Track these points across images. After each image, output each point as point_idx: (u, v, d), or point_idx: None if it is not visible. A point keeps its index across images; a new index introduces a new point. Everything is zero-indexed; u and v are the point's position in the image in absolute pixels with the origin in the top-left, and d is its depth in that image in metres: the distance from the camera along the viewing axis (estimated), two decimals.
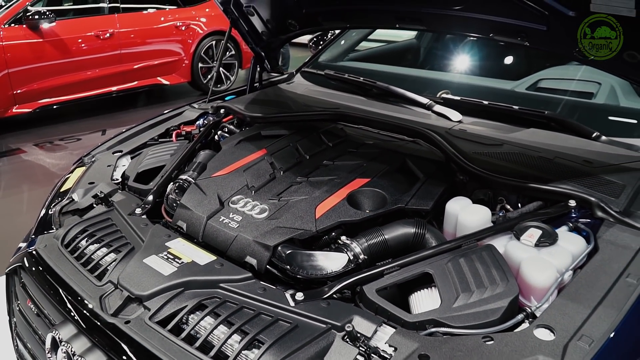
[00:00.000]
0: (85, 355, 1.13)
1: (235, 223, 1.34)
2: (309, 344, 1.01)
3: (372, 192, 1.42)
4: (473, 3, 1.54)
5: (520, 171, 1.43)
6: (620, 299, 1.01)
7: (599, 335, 0.94)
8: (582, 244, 1.19)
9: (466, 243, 1.22)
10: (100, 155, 1.91)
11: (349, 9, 1.96)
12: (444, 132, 1.67)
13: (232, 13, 2.19)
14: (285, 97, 2.22)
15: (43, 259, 1.37)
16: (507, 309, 1.04)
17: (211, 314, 1.10)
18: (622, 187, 1.33)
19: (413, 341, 0.98)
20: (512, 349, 0.94)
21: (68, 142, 4.89)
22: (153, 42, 5.97)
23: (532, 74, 2.07)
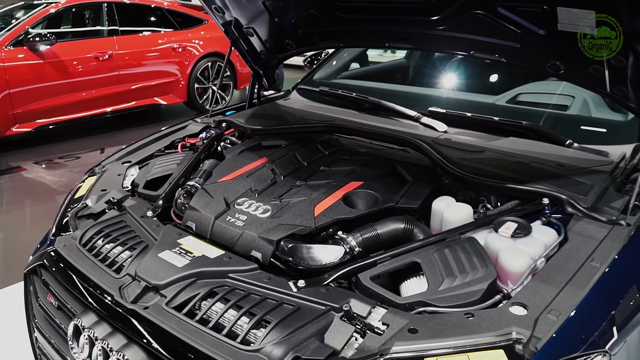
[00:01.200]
0: (107, 339, 1.24)
1: (240, 222, 1.47)
2: (311, 323, 1.14)
3: (365, 193, 1.56)
4: (455, 24, 1.70)
5: (499, 174, 1.57)
6: (585, 279, 1.15)
7: (566, 308, 1.08)
8: (554, 235, 1.33)
9: (450, 236, 1.36)
10: (110, 166, 2.04)
11: (342, 29, 2.12)
12: (430, 141, 1.81)
13: (232, 34, 2.34)
14: (283, 111, 2.37)
15: (63, 257, 1.49)
16: (486, 291, 1.17)
17: (222, 299, 1.22)
18: (590, 187, 1.48)
19: (403, 318, 1.11)
20: (490, 323, 1.07)
21: (67, 160, 5.00)
22: (151, 64, 6.14)
23: (512, 89, 2.24)
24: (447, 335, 1.05)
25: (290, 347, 1.07)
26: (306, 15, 2.11)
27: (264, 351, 1.08)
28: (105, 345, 1.23)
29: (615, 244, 1.26)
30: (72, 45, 5.59)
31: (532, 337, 1.02)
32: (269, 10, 2.16)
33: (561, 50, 1.58)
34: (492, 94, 2.28)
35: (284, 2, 2.09)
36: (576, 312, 1.07)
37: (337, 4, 1.92)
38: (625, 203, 1.42)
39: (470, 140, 1.84)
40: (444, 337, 1.05)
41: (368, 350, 1.06)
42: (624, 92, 1.55)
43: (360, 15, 1.95)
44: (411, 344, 1.04)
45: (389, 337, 1.07)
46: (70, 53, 5.48)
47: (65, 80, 5.43)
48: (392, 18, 1.88)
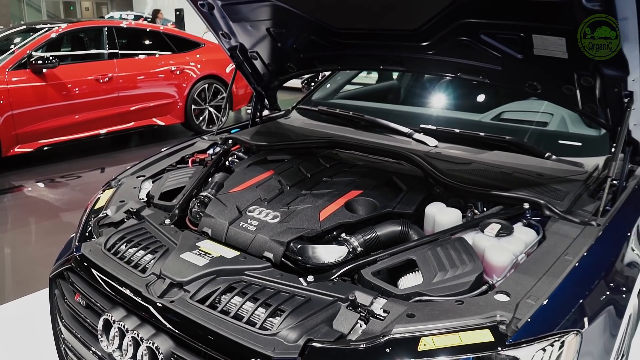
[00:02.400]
0: (137, 330, 1.38)
1: (253, 227, 1.62)
2: (320, 312, 1.29)
3: (365, 200, 1.73)
4: (443, 49, 1.90)
5: (485, 183, 1.74)
6: (560, 270, 1.32)
7: (542, 294, 1.24)
8: (533, 234, 1.50)
9: (442, 236, 1.52)
10: (125, 179, 2.19)
11: (340, 54, 2.31)
12: (422, 154, 1.99)
13: (237, 57, 2.52)
14: (284, 129, 2.54)
15: (91, 260, 1.64)
16: (474, 282, 1.33)
17: (240, 293, 1.37)
18: (566, 193, 1.65)
19: (402, 306, 1.27)
20: (477, 308, 1.23)
21: (69, 180, 5.13)
22: (149, 86, 6.32)
23: (496, 107, 2.43)
24: (440, 319, 1.21)
25: (303, 331, 1.23)
26: (307, 41, 2.30)
27: (280, 335, 1.23)
28: (135, 335, 1.37)
29: (587, 241, 1.43)
30: (74, 68, 5.76)
31: (514, 318, 1.19)
32: (272, 36, 2.34)
33: (538, 72, 1.77)
34: (478, 112, 2.47)
35: (286, 28, 2.28)
36: (551, 298, 1.24)
37: (335, 30, 2.11)
38: (596, 207, 1.59)
39: (459, 154, 2.02)
40: (437, 320, 1.20)
41: (371, 333, 1.22)
42: (594, 109, 1.74)
43: (357, 41, 2.14)
44: (409, 326, 1.20)
45: (389, 322, 1.23)
46: (71, 75, 5.64)
47: (67, 101, 5.58)
48: (386, 44, 2.07)
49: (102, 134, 5.92)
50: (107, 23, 6.59)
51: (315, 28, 2.16)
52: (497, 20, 1.66)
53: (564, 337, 1.19)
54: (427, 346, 1.16)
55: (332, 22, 2.07)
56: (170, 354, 1.33)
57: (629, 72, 1.51)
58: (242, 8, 2.21)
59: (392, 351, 1.16)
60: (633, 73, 1.51)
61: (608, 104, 1.67)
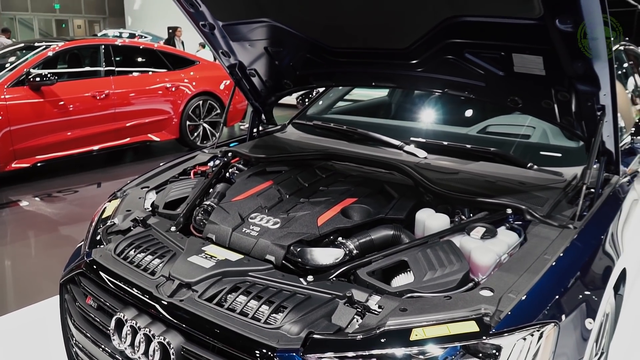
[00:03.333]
0: (148, 327, 1.48)
1: (255, 232, 1.73)
2: (320, 308, 1.40)
3: (359, 207, 1.84)
4: (431, 66, 2.03)
5: (471, 190, 1.87)
6: (539, 268, 1.44)
7: (523, 289, 1.36)
8: (515, 237, 1.62)
9: (431, 239, 1.64)
10: (130, 190, 2.29)
11: (334, 71, 2.45)
12: (413, 165, 2.11)
13: (236, 74, 2.65)
14: (281, 142, 2.66)
15: (102, 265, 1.74)
16: (461, 280, 1.45)
17: (244, 292, 1.48)
18: (546, 200, 1.78)
19: (395, 301, 1.38)
20: (464, 302, 1.35)
21: (66, 194, 5.21)
22: (145, 102, 6.44)
23: (482, 121, 2.57)
24: (430, 312, 1.32)
25: (304, 325, 1.33)
26: (303, 59, 2.43)
27: (283, 328, 1.33)
28: (147, 331, 1.47)
29: (564, 242, 1.56)
30: (71, 85, 5.86)
31: (497, 311, 1.30)
32: (270, 55, 2.47)
33: (518, 88, 1.92)
34: (465, 125, 2.61)
35: (283, 47, 2.41)
36: (530, 293, 1.36)
37: (330, 49, 2.24)
38: (574, 212, 1.72)
39: (447, 165, 2.15)
40: (428, 313, 1.32)
41: (367, 326, 1.33)
42: (571, 122, 1.88)
43: (350, 59, 2.28)
44: (402, 319, 1.31)
45: (384, 316, 1.34)
46: (69, 92, 5.74)
47: (64, 118, 5.67)
48: (378, 62, 2.21)
49: (98, 149, 6.01)
50: (104, 41, 6.72)
51: (311, 47, 2.29)
52: (480, 41, 1.80)
53: (543, 328, 1.31)
54: (418, 336, 1.27)
55: (327, 41, 2.21)
56: (181, 349, 1.43)
57: (600, 88, 1.65)
58: (241, 28, 2.34)
59: (387, 341, 1.27)
60: (604, 88, 1.65)
61: (583, 117, 1.81)
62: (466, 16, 1.71)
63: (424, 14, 1.79)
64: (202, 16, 2.29)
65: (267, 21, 2.21)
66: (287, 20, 2.17)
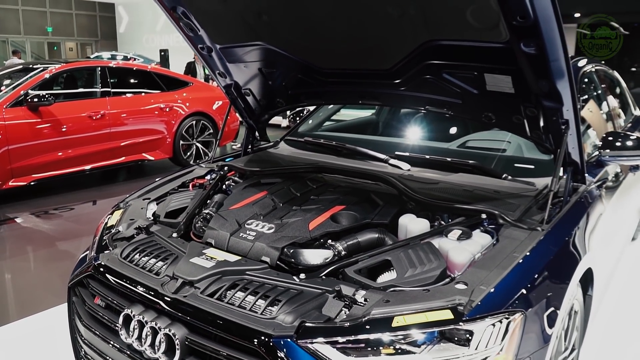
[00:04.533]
0: (155, 321, 1.62)
1: (251, 236, 1.88)
2: (311, 300, 1.54)
3: (347, 213, 2.00)
4: (412, 85, 2.22)
5: (450, 198, 2.04)
6: (507, 264, 1.60)
7: (492, 282, 1.52)
8: (489, 238, 1.79)
9: (413, 241, 1.80)
10: (133, 201, 2.43)
11: (324, 90, 2.63)
12: (397, 176, 2.28)
13: (232, 94, 2.82)
14: (275, 157, 2.83)
15: (109, 267, 1.88)
16: (438, 276, 1.60)
17: (242, 288, 1.62)
18: (518, 206, 1.95)
19: (379, 294, 1.53)
20: (441, 294, 1.50)
21: (62, 212, 5.31)
22: (140, 122, 6.60)
23: (462, 137, 2.76)
24: (410, 302, 1.47)
25: (297, 315, 1.48)
26: (294, 79, 2.61)
27: (278, 319, 1.48)
28: (154, 324, 1.61)
29: (531, 242, 1.72)
30: (68, 105, 6.00)
31: (469, 300, 1.46)
32: (264, 75, 2.65)
33: (491, 105, 2.10)
34: (446, 141, 2.80)
35: (276, 68, 2.59)
36: (499, 285, 1.52)
37: (320, 70, 2.43)
38: (542, 217, 1.89)
39: (429, 176, 2.32)
40: (408, 304, 1.47)
41: (354, 316, 1.48)
42: (540, 135, 2.07)
43: (339, 79, 2.46)
44: (385, 308, 1.46)
45: (369, 306, 1.49)
46: (66, 112, 5.88)
47: (61, 137, 5.80)
48: (364, 81, 2.39)
49: (94, 168, 6.14)
50: (100, 63, 6.90)
51: (302, 68, 2.47)
52: (455, 62, 1.99)
53: (511, 316, 1.47)
54: (399, 323, 1.42)
55: (317, 63, 2.39)
56: (185, 339, 1.57)
57: (563, 104, 1.84)
58: (237, 51, 2.52)
59: (371, 328, 1.42)
60: (566, 104, 1.84)
61: (549, 130, 1.99)
62: (442, 40, 1.90)
63: (404, 38, 1.98)
64: (201, 40, 2.47)
65: (262, 44, 2.39)
66: (280, 43, 2.35)
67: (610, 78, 3.86)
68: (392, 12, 1.85)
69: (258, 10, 2.17)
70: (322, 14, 2.07)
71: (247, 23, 2.29)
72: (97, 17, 29.47)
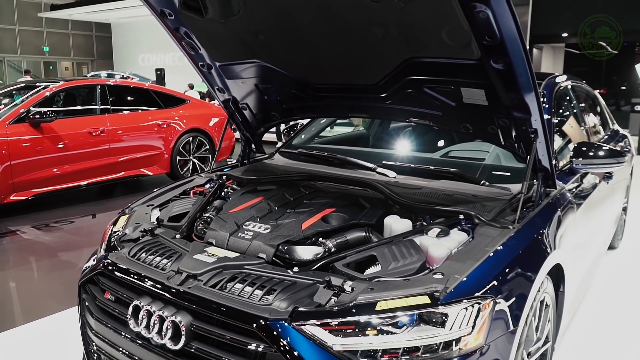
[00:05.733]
0: (162, 310, 1.78)
1: (249, 236, 2.06)
2: (303, 289, 1.72)
3: (337, 215, 2.18)
4: (397, 99, 2.41)
5: (431, 201, 2.22)
6: (480, 257, 1.78)
7: (465, 271, 1.70)
8: (465, 236, 1.97)
9: (396, 239, 1.98)
10: (137, 207, 2.60)
11: (316, 104, 2.82)
12: (384, 183, 2.47)
13: (230, 108, 3.01)
14: (270, 167, 3.01)
15: (118, 264, 2.04)
16: (418, 268, 1.78)
17: (241, 280, 1.79)
18: (492, 208, 2.14)
19: (365, 284, 1.71)
20: (420, 283, 1.68)
21: (62, 225, 5.46)
22: (138, 138, 6.79)
23: (445, 147, 2.95)
24: (393, 290, 1.65)
25: (291, 302, 1.65)
26: (288, 94, 2.81)
27: (274, 305, 1.65)
28: (161, 313, 1.77)
29: (502, 238, 1.91)
30: (68, 122, 6.19)
31: (445, 288, 1.63)
32: (260, 90, 2.85)
33: (468, 116, 2.30)
34: (430, 152, 2.99)
35: (272, 84, 2.79)
36: (471, 275, 1.69)
37: (312, 85, 2.62)
38: (514, 217, 2.08)
39: (413, 183, 2.50)
40: (391, 290, 1.64)
41: (342, 302, 1.65)
42: (512, 144, 2.27)
43: (330, 94, 2.66)
44: (370, 294, 1.63)
45: (356, 294, 1.66)
46: (66, 129, 6.07)
47: (62, 153, 5.98)
48: (353, 95, 2.59)
49: (94, 182, 6.31)
50: (100, 81, 7.11)
51: (296, 83, 2.67)
52: (434, 77, 2.19)
53: (482, 302, 1.64)
54: (382, 307, 1.59)
55: (309, 79, 2.59)
56: (190, 325, 1.73)
57: (531, 114, 2.04)
58: (235, 68, 2.72)
59: (357, 311, 1.59)
60: (534, 115, 2.04)
61: (520, 139, 2.19)
62: (421, 57, 2.10)
63: (388, 55, 2.18)
64: (201, 58, 2.67)
65: (258, 62, 2.59)
66: (275, 61, 2.55)
67: (587, 94, 4.09)
68: (376, 32, 2.06)
69: (255, 31, 2.38)
70: (314, 34, 2.27)
71: (244, 42, 2.49)
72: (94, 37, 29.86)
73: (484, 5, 1.66)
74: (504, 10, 1.67)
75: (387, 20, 1.98)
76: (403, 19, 1.94)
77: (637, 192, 6.78)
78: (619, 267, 4.19)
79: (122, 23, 26.71)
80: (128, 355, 1.91)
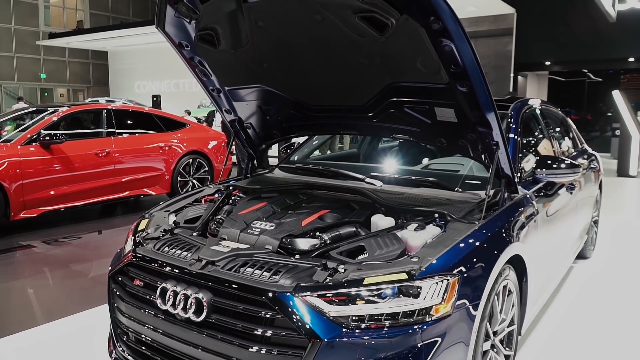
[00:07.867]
0: (186, 290, 2.14)
1: (257, 232, 2.43)
2: (304, 271, 2.09)
3: (332, 215, 2.57)
4: (381, 118, 2.83)
5: (411, 204, 2.61)
6: (449, 244, 2.17)
7: (435, 256, 2.08)
8: (438, 230, 2.35)
9: (381, 233, 2.36)
10: (156, 213, 2.97)
11: (312, 123, 3.23)
12: (371, 190, 2.86)
13: (235, 127, 3.40)
14: (271, 179, 3.40)
15: (146, 256, 2.40)
16: (399, 254, 2.16)
17: (252, 265, 2.16)
18: (462, 208, 2.53)
19: (355, 266, 2.08)
20: (399, 264, 2.05)
21: (71, 240, 5.78)
22: (141, 160, 7.16)
23: (425, 161, 3.36)
24: (378, 269, 2.02)
25: (294, 280, 2.02)
26: (288, 114, 3.22)
27: (280, 282, 2.01)
28: (186, 292, 2.13)
29: (469, 231, 2.29)
30: (77, 144, 6.56)
31: (419, 267, 2.01)
32: (262, 111, 3.25)
33: (442, 132, 2.71)
34: (413, 165, 3.40)
35: (273, 106, 3.19)
36: (441, 257, 2.08)
37: (309, 106, 3.03)
38: (481, 216, 2.47)
39: (397, 190, 2.90)
40: (376, 269, 2.02)
41: (336, 280, 2.02)
42: (479, 155, 2.67)
43: (324, 114, 3.07)
44: (358, 272, 2.01)
45: (348, 273, 2.03)
46: (74, 150, 6.43)
47: (69, 173, 6.34)
48: (344, 115, 3.00)
49: (99, 201, 6.65)
50: (105, 106, 7.51)
51: (294, 105, 3.08)
52: (412, 99, 2.60)
53: (450, 278, 2.02)
54: (369, 281, 1.97)
55: (306, 100, 3.00)
56: (211, 300, 2.09)
57: (492, 129, 2.44)
58: (241, 91, 3.13)
59: (348, 285, 1.96)
60: (495, 129, 2.44)
61: (485, 150, 2.59)
62: (401, 82, 2.52)
63: (373, 81, 2.60)
64: (212, 83, 3.07)
65: (261, 86, 3.00)
66: (277, 85, 2.96)
67: (555, 116, 4.54)
68: (363, 61, 2.48)
69: (260, 60, 2.79)
70: (310, 63, 2.69)
71: (250, 69, 2.90)
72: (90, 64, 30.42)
73: (448, 40, 2.08)
74: (464, 44, 2.09)
75: (371, 52, 2.39)
76: (385, 51, 2.36)
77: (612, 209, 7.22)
78: (592, 276, 4.57)
79: (119, 51, 27.32)
80: (153, 329, 2.26)
